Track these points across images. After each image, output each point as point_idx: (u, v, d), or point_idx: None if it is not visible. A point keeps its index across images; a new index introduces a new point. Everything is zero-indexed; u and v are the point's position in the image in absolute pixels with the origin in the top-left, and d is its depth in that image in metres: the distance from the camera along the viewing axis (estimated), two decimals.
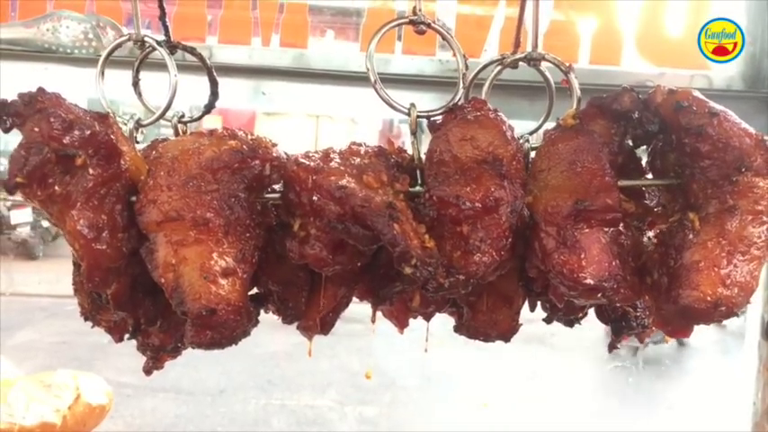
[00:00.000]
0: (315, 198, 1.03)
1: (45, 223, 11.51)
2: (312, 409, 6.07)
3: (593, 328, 1.35)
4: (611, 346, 1.34)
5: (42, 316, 8.11)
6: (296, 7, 2.07)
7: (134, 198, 1.07)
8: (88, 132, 1.04)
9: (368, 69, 1.14)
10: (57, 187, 1.03)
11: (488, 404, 6.14)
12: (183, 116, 1.26)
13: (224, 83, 1.30)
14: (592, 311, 1.30)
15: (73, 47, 1.83)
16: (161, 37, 1.25)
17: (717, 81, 1.91)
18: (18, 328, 7.41)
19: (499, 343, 1.26)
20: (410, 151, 1.16)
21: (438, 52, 1.92)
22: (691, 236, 1.02)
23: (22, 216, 11.90)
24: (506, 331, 1.26)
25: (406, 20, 1.16)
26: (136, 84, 1.29)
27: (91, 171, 1.04)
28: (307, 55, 1.94)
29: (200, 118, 1.29)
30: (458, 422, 5.95)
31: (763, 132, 1.05)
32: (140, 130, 1.24)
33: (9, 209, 11.93)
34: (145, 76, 1.29)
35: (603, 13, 2.08)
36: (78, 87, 1.76)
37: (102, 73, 1.24)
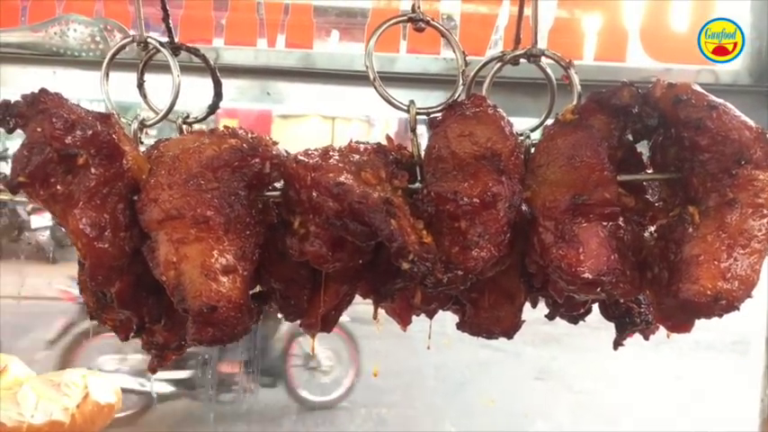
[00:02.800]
0: (314, 195, 1.04)
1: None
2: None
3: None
4: (616, 343, 1.34)
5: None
6: (301, 8, 2.09)
7: (136, 197, 1.08)
8: (90, 132, 1.05)
9: (367, 67, 1.15)
10: (59, 186, 1.04)
11: (495, 401, 6.09)
12: (187, 117, 1.28)
13: (230, 84, 1.30)
14: (596, 309, 1.30)
15: (80, 50, 1.85)
16: (167, 39, 1.26)
17: (723, 76, 1.90)
18: (31, 330, 7.46)
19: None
20: (410, 148, 1.16)
21: (443, 51, 1.93)
22: (691, 230, 1.01)
23: (42, 221, 11.98)
24: (509, 328, 1.25)
25: (405, 17, 1.16)
26: (141, 85, 1.31)
27: (93, 170, 1.05)
28: (312, 55, 1.95)
29: (204, 119, 1.30)
30: (470, 423, 5.91)
31: None
32: (145, 130, 1.25)
33: (29, 213, 12.01)
34: (153, 78, 1.30)
35: (608, 10, 2.08)
36: (86, 90, 1.78)
37: (107, 74, 1.25)
